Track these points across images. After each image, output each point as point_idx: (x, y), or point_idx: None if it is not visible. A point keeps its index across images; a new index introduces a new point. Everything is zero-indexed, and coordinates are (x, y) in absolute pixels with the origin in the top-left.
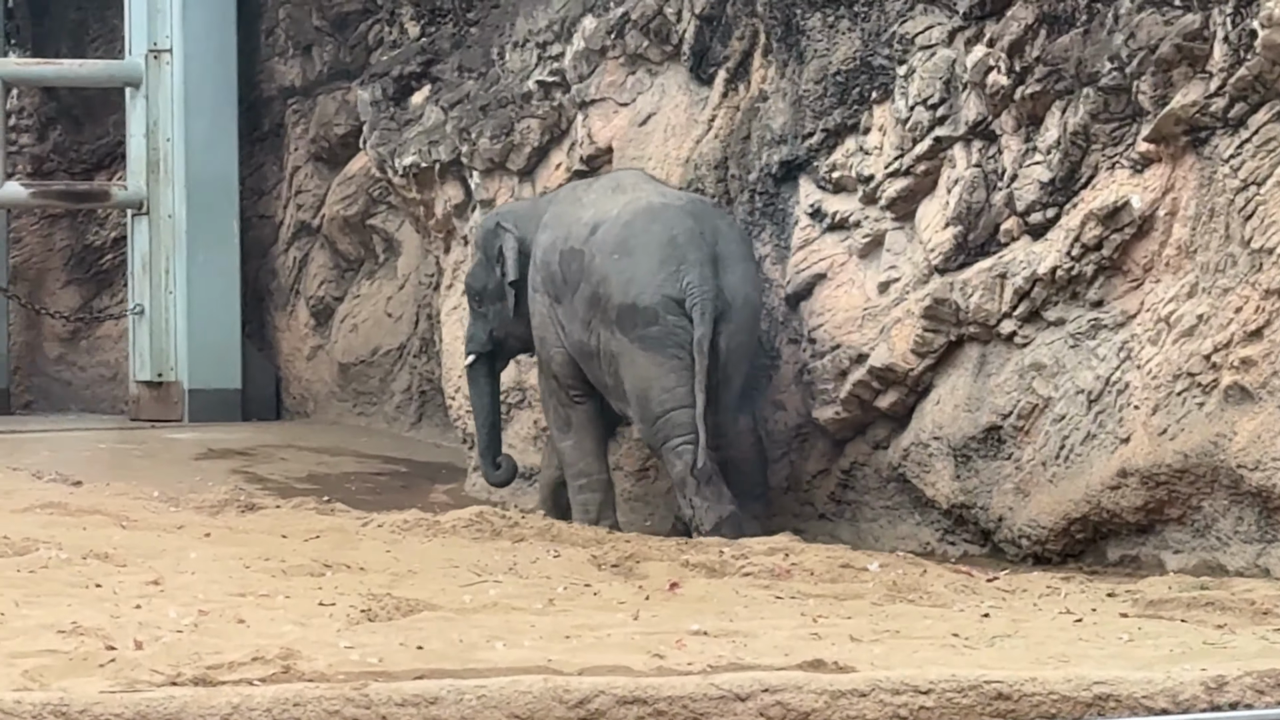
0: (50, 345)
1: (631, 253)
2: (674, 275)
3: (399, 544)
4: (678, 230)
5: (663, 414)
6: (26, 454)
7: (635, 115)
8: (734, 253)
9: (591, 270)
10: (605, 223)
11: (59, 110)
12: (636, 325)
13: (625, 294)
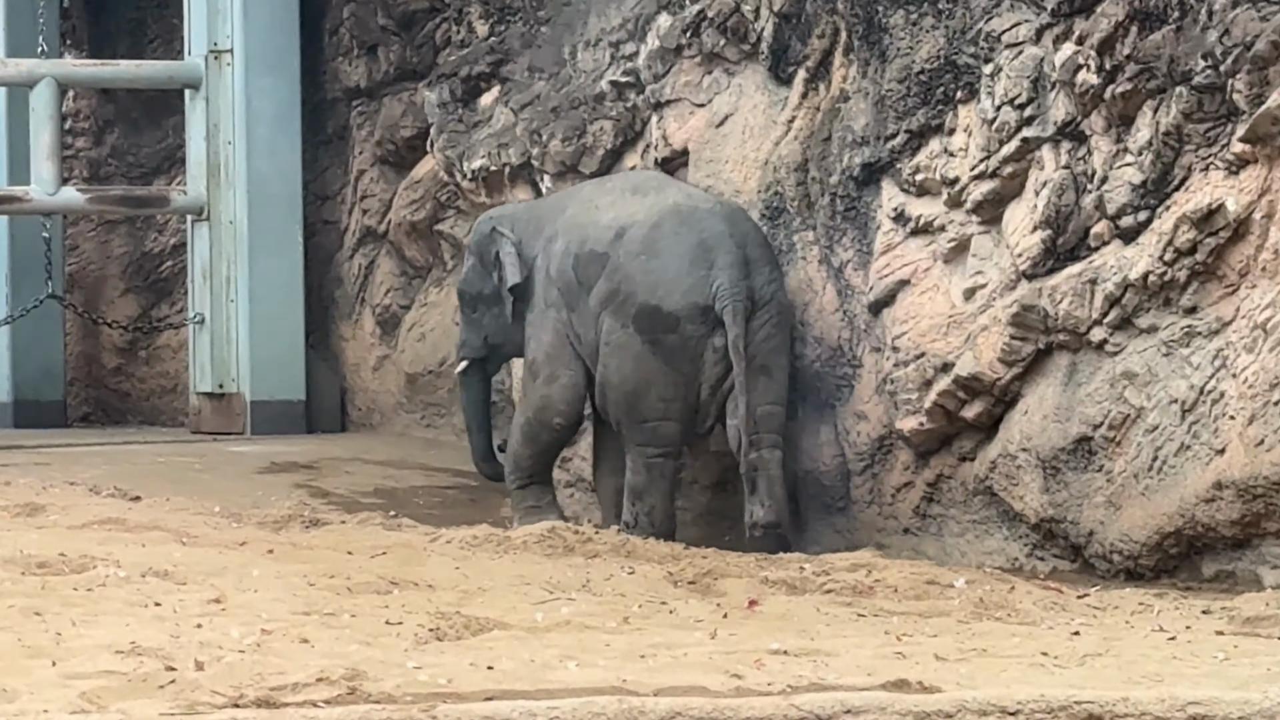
0: (108, 356)
1: (659, 254)
2: (703, 280)
3: (468, 560)
4: (707, 234)
5: (652, 420)
6: (84, 468)
7: (712, 116)
8: (762, 256)
9: (615, 270)
10: (632, 226)
11: (116, 113)
12: (656, 329)
13: (650, 295)
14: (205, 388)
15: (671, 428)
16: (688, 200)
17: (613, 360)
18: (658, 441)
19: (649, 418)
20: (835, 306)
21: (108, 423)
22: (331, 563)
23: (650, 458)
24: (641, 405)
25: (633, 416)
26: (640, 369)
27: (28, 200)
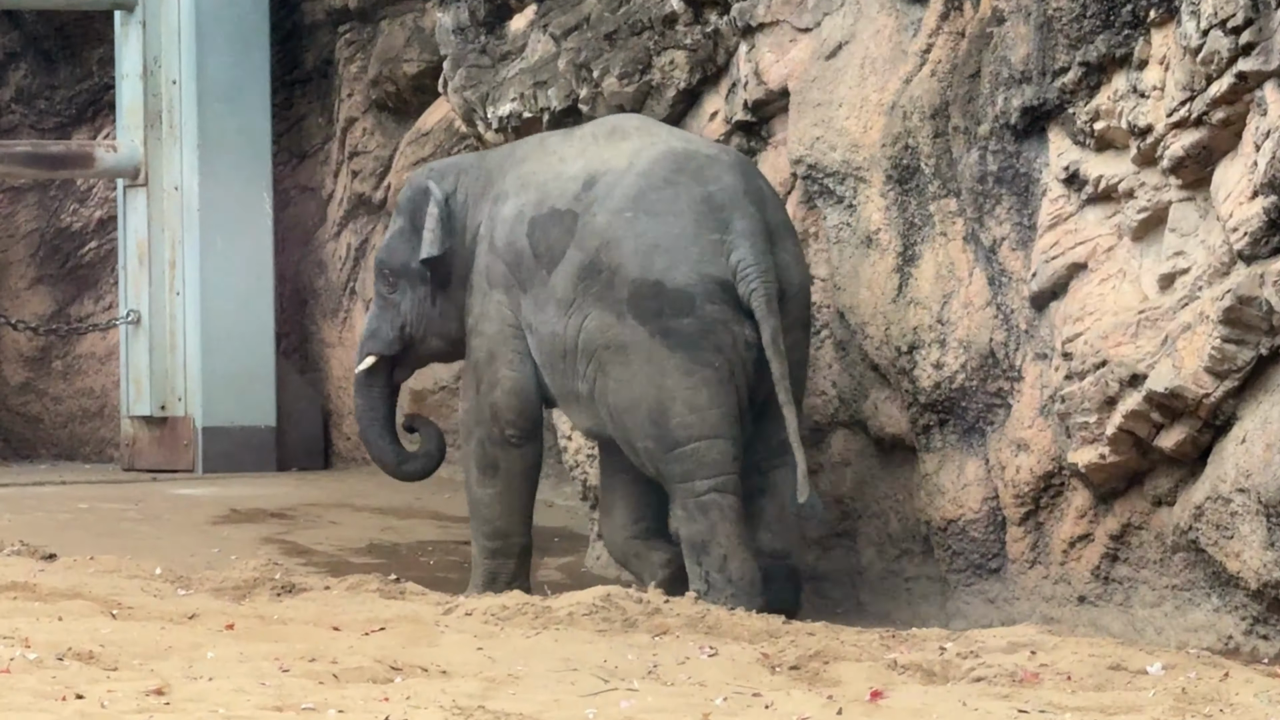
0: (12, 368)
1: (654, 211)
2: (716, 247)
3: (495, 638)
4: (715, 187)
5: (687, 442)
6: None
7: (820, 45)
8: (783, 222)
9: (589, 232)
10: (609, 173)
11: (23, 42)
12: (662, 313)
13: (646, 267)
14: (142, 410)
15: (720, 447)
16: (684, 144)
17: (614, 369)
18: (705, 471)
19: (684, 438)
20: (986, 299)
21: (11, 456)
22: (312, 642)
23: (701, 495)
24: (670, 422)
25: (663, 443)
26: (656, 372)
27: None
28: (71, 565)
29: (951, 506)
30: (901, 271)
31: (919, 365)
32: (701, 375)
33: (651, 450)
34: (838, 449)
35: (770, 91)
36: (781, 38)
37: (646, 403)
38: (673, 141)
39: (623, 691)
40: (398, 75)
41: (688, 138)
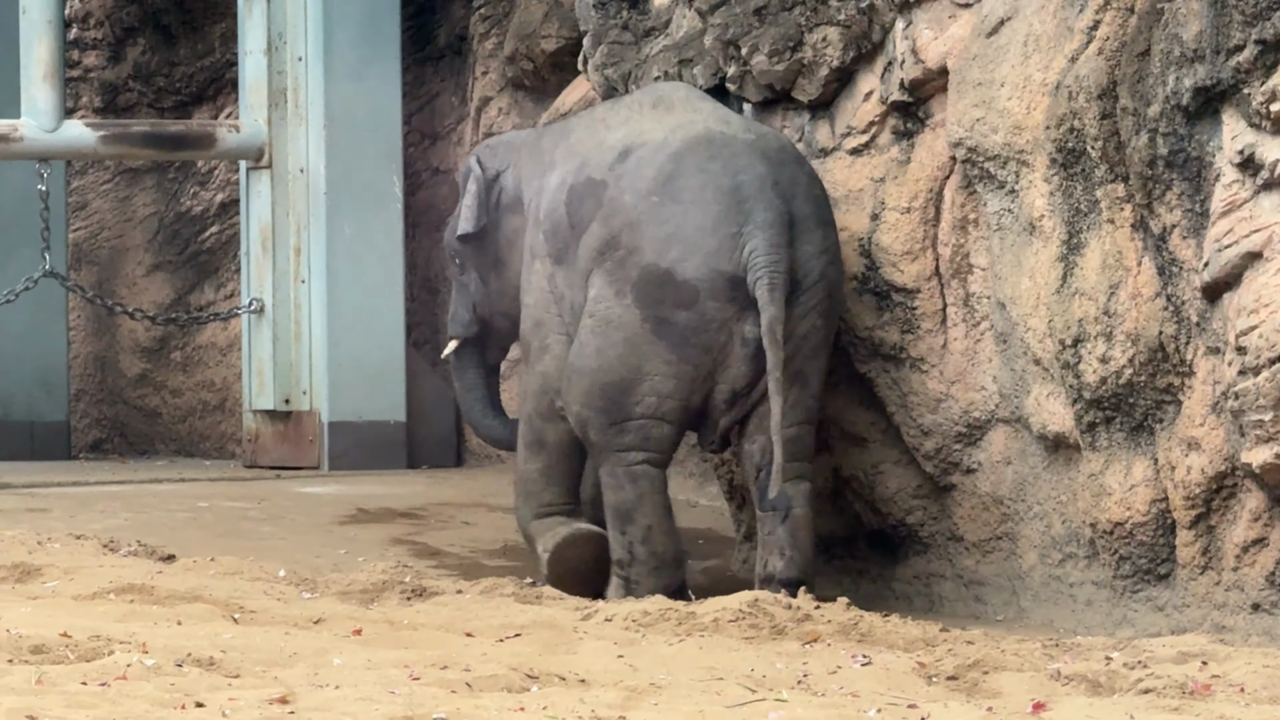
0: (129, 359)
1: (679, 198)
2: (732, 241)
3: (636, 645)
4: (745, 176)
5: (638, 418)
6: (96, 516)
7: (981, 21)
8: (812, 214)
9: (615, 209)
10: (643, 148)
11: (142, 18)
12: (663, 301)
13: (661, 254)
14: (265, 404)
15: (665, 431)
16: (723, 126)
17: (594, 339)
18: (645, 445)
19: (636, 415)
20: (1155, 290)
21: (128, 452)
22: (444, 648)
23: (633, 464)
24: (628, 397)
25: (611, 415)
26: (634, 355)
27: (16, 139)
28: (191, 567)
29: (1118, 508)
30: (1066, 260)
31: (1084, 359)
32: (678, 368)
33: (593, 418)
34: (998, 447)
35: (928, 70)
36: (940, 13)
37: (610, 375)
38: (711, 122)
39: (771, 702)
40: (535, 52)
41: (728, 118)
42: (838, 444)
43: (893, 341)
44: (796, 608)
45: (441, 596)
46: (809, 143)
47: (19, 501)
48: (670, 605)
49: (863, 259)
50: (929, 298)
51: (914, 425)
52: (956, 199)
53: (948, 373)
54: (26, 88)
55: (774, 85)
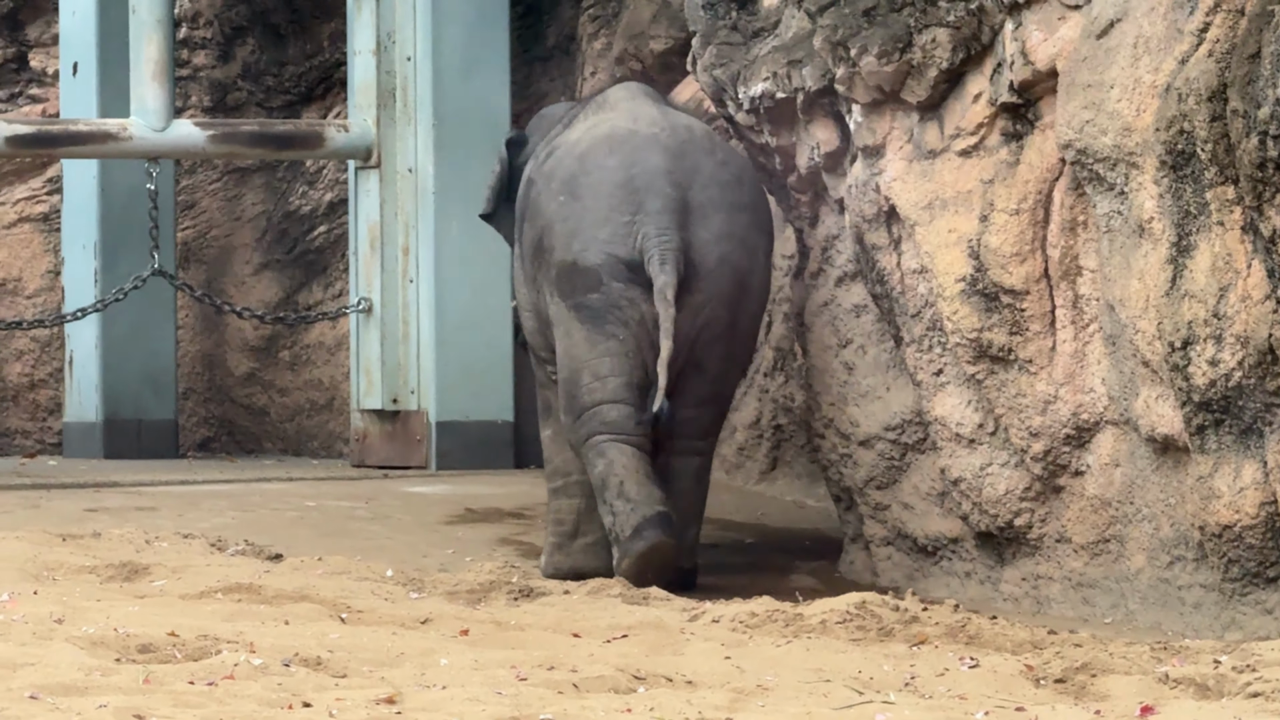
0: (237, 358)
1: (579, 195)
2: (625, 229)
3: (743, 647)
4: (637, 169)
5: (591, 406)
6: (204, 515)
7: (1091, 23)
8: (713, 200)
9: (537, 212)
10: (560, 149)
11: (251, 17)
12: (575, 290)
13: (567, 249)
14: (373, 403)
15: (621, 412)
16: (630, 123)
17: (559, 344)
18: (607, 428)
19: (588, 403)
20: (1265, 292)
21: (236, 451)
22: (551, 649)
23: (600, 444)
24: (579, 390)
25: (572, 407)
26: (571, 344)
27: (125, 138)
28: (298, 566)
29: (1227, 511)
30: (1175, 263)
31: (1193, 362)
32: (605, 346)
33: (565, 414)
34: (1106, 449)
35: (1037, 72)
36: (1050, 15)
37: (564, 372)
38: (621, 120)
39: (878, 704)
40: (644, 52)
41: (639, 114)
42: (946, 445)
43: (1001, 343)
44: (904, 609)
45: (548, 597)
46: (918, 144)
47: (127, 500)
48: (778, 607)
49: (971, 260)
50: (1038, 299)
51: (1022, 427)
52: (1066, 201)
53: (1056, 375)
54: (136, 87)
55: (882, 87)
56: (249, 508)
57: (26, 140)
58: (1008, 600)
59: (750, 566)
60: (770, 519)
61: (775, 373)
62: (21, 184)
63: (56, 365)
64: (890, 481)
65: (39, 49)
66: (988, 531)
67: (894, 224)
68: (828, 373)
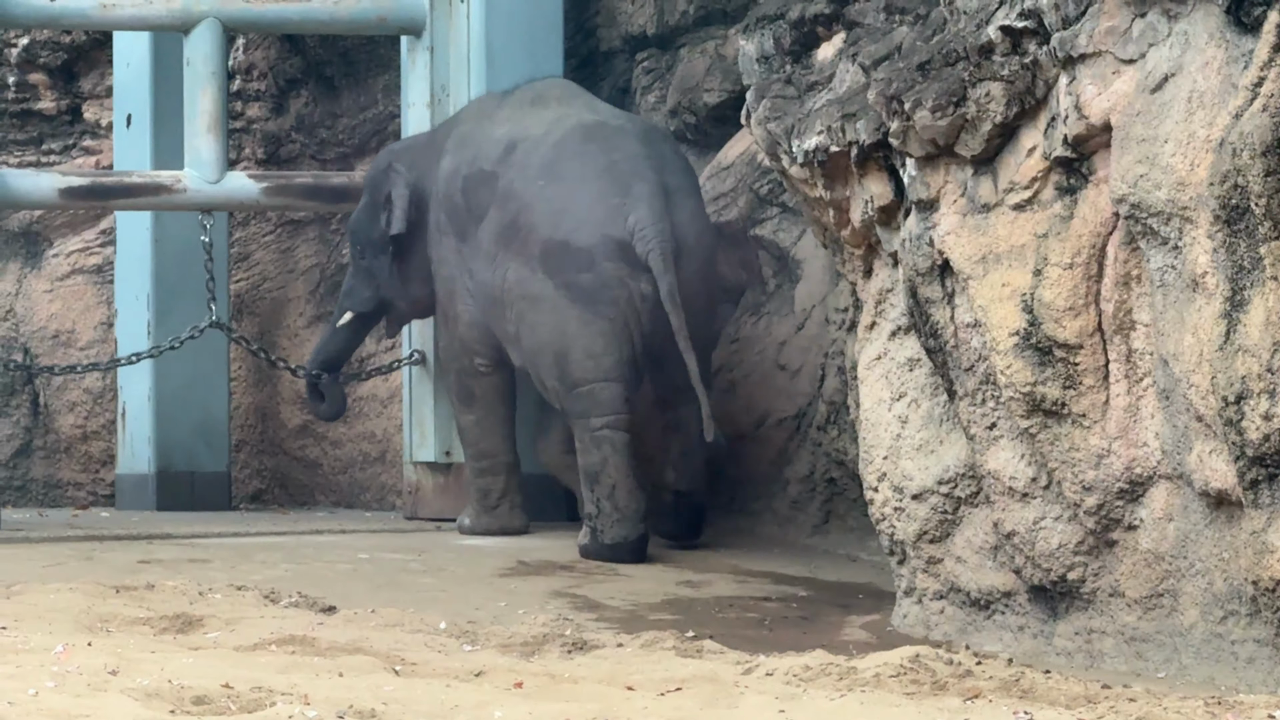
0: (290, 410)
1: (563, 179)
2: (617, 210)
3: (797, 700)
4: (619, 155)
5: (584, 383)
6: (257, 567)
7: (1145, 77)
8: (682, 185)
9: (509, 196)
10: (526, 141)
11: (305, 69)
12: (565, 268)
13: (555, 228)
14: (425, 456)
15: (612, 390)
16: (594, 115)
17: (528, 316)
18: (599, 409)
19: (581, 379)
20: None
21: (289, 503)
22: (604, 702)
23: (596, 430)
24: (571, 366)
25: (565, 383)
26: (560, 321)
27: (180, 190)
28: (352, 618)
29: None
30: (1229, 317)
31: (1247, 416)
32: (597, 325)
33: (556, 388)
34: (1159, 503)
35: (1091, 126)
36: (1104, 69)
37: (553, 347)
38: (584, 114)
39: None
40: (698, 105)
41: (598, 108)
42: (999, 499)
43: (1055, 397)
44: (958, 663)
45: (602, 650)
46: (971, 198)
47: (180, 552)
48: (831, 660)
49: (1025, 314)
50: (1091, 354)
51: (1076, 481)
52: (1120, 255)
53: (1110, 429)
54: (190, 139)
55: (937, 140)
56: (302, 560)
57: (80, 192)
58: (1061, 654)
59: (803, 620)
60: (823, 572)
61: (828, 426)
62: (75, 236)
63: (109, 417)
64: (943, 535)
65: (93, 101)
66: (1041, 585)
67: (948, 278)
68: (881, 426)
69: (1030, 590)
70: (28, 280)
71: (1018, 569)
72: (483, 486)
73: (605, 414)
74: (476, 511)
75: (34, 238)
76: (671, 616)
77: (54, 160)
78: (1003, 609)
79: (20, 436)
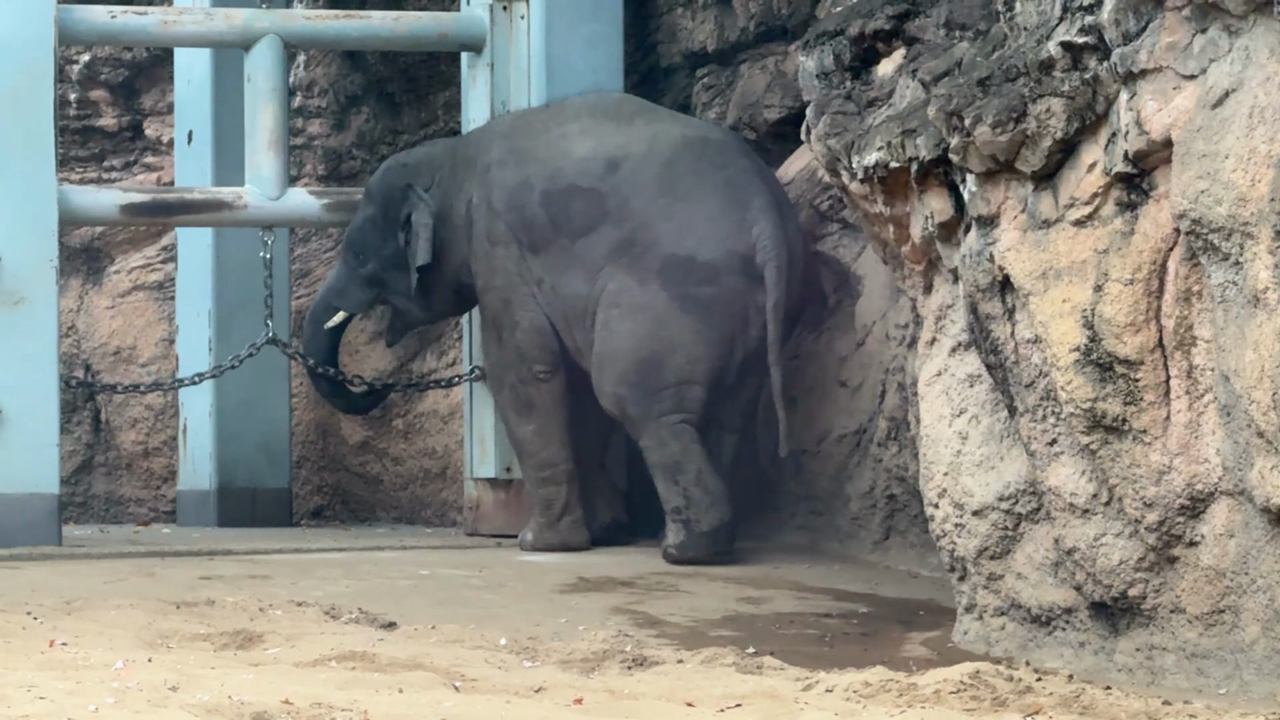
0: (350, 427)
1: (682, 196)
2: (740, 226)
3: (857, 717)
4: (732, 169)
5: (675, 384)
6: (317, 583)
7: (1206, 93)
8: (786, 197)
9: (625, 214)
10: (630, 158)
11: (366, 85)
12: (687, 281)
13: (679, 244)
14: (486, 472)
15: (698, 393)
16: (691, 129)
17: (624, 324)
18: (682, 407)
19: (674, 380)
20: None
21: (349, 519)
22: (664, 718)
23: (674, 424)
24: (662, 370)
25: (649, 385)
26: (664, 330)
27: (240, 207)
28: (412, 634)
29: None
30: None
31: None
32: (705, 335)
33: (630, 393)
34: (1220, 520)
35: (1152, 142)
36: (1165, 85)
37: (642, 351)
38: (684, 128)
39: None
40: (758, 121)
41: (689, 121)
42: (1060, 515)
43: (1115, 413)
44: (1018, 680)
45: (662, 666)
46: (1032, 214)
47: (241, 568)
48: (891, 676)
49: (1085, 330)
50: (1152, 370)
51: (1137, 497)
52: (1180, 271)
53: (1171, 445)
54: (251, 156)
55: (997, 156)
56: (363, 576)
57: (142, 209)
58: (1122, 671)
59: (864, 636)
60: (884, 589)
61: (889, 442)
62: (136, 252)
63: (170, 433)
64: (1004, 551)
65: (154, 117)
66: (1102, 602)
67: (1008, 294)
68: (941, 442)
69: (1091, 606)
70: (89, 297)
71: (1078, 585)
72: (546, 497)
73: (685, 411)
74: (540, 526)
75: (95, 254)
76: (732, 633)
77: (115, 177)
78: (1063, 625)
79: (82, 453)
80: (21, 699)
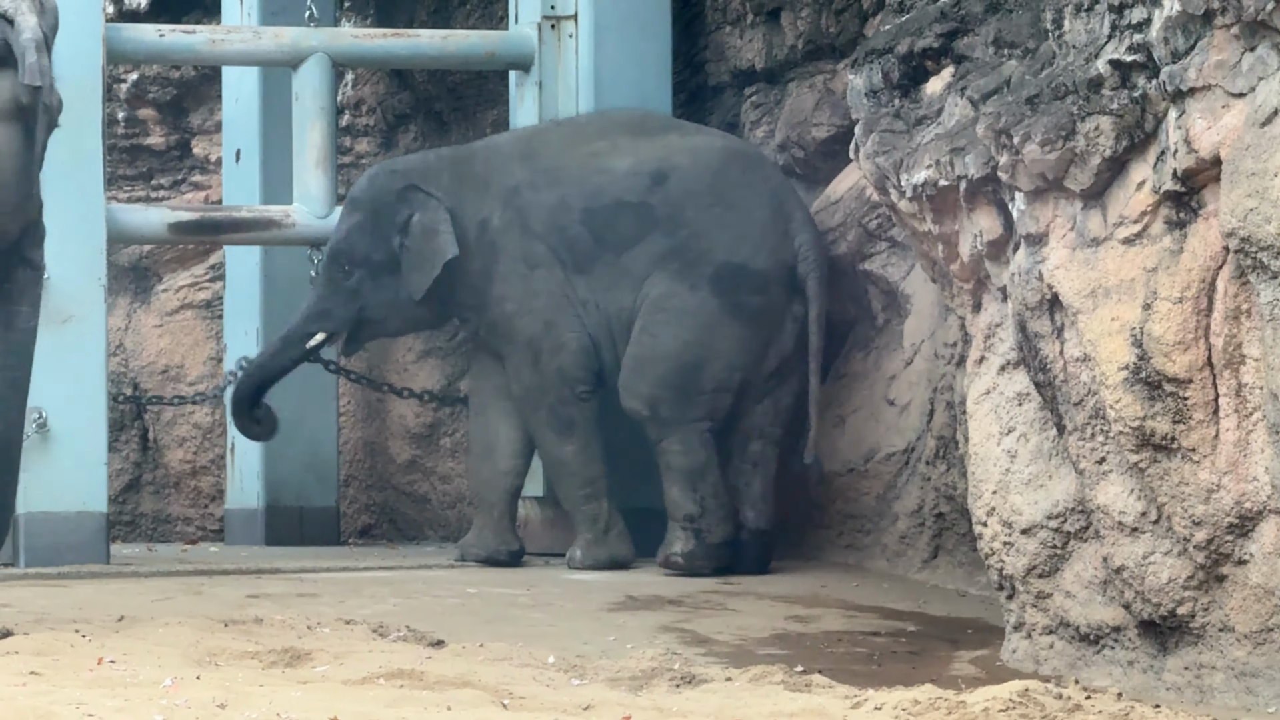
0: (399, 445)
1: (734, 206)
2: (785, 237)
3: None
4: (774, 181)
5: (711, 391)
6: (365, 601)
7: (1255, 111)
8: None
9: (678, 223)
10: (677, 171)
11: (414, 104)
12: (739, 290)
13: (733, 252)
14: (534, 491)
15: (727, 400)
16: (729, 141)
17: (669, 328)
18: (713, 414)
19: (709, 389)
20: None
21: (397, 538)
22: None
23: (704, 431)
24: (702, 376)
25: (688, 390)
26: (710, 335)
27: (289, 225)
28: (460, 652)
29: None
30: None
31: None
32: (749, 344)
33: (666, 395)
34: (1269, 538)
35: (1201, 160)
36: (1213, 103)
37: (687, 356)
38: (725, 140)
39: None
40: (806, 140)
41: (713, 132)
42: (1109, 533)
43: (1164, 432)
44: (1067, 698)
45: (710, 684)
46: (1080, 232)
47: (289, 586)
48: (940, 694)
49: (1134, 349)
50: (1201, 388)
51: (1185, 515)
52: (1229, 289)
53: (1219, 463)
54: (299, 174)
55: (1045, 174)
56: (410, 594)
57: (190, 227)
58: (1170, 689)
59: (912, 654)
60: (932, 607)
61: (937, 460)
62: (184, 270)
63: (218, 452)
64: (1052, 570)
65: (202, 136)
66: (1150, 620)
67: (1057, 312)
68: (990, 460)
69: (1139, 625)
70: (137, 315)
71: (1127, 603)
72: (591, 513)
73: (714, 419)
74: (587, 542)
75: (143, 273)
76: (780, 651)
77: (163, 195)
78: (1112, 643)
79: (130, 471)
80: (70, 716)
